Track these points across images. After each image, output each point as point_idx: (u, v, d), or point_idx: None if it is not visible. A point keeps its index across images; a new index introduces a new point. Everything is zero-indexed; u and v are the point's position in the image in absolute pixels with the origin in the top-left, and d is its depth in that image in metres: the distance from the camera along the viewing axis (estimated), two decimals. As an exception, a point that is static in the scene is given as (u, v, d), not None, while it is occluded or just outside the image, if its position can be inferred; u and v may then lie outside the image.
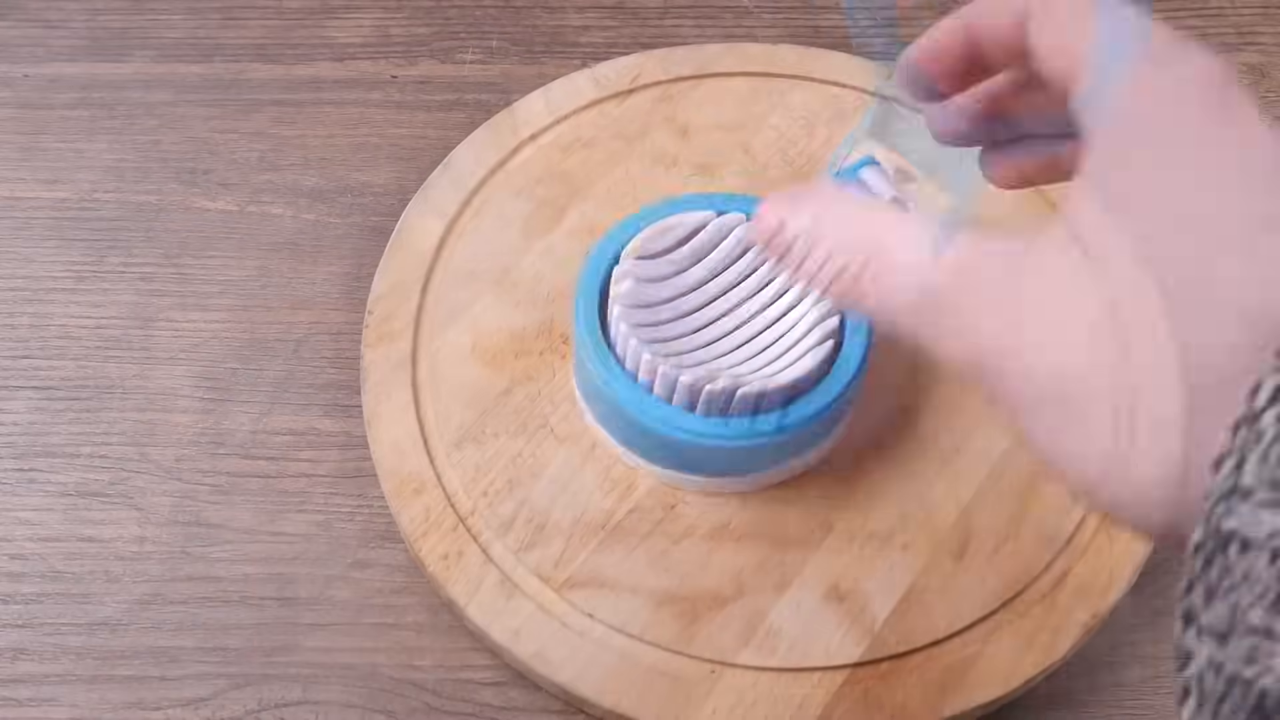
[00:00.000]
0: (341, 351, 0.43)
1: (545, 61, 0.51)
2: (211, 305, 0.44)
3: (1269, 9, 0.52)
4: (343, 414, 0.42)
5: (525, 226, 0.43)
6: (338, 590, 0.39)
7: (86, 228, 0.46)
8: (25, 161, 0.47)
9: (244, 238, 0.46)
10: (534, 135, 0.46)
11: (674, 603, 0.36)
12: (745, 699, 0.35)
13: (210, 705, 0.37)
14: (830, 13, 0.52)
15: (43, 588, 0.39)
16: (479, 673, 0.38)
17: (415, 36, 0.51)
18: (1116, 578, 0.37)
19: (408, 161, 0.48)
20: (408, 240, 0.43)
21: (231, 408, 0.42)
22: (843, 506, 0.38)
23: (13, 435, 0.41)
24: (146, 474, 0.41)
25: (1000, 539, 0.38)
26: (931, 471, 0.39)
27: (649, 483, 0.38)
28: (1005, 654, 0.36)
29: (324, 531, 0.40)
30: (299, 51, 0.51)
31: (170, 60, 0.50)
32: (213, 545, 0.39)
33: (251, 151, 0.48)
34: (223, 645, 0.38)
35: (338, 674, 0.37)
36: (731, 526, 0.38)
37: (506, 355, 0.41)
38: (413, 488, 0.38)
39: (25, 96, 0.49)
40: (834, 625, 0.36)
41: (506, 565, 0.37)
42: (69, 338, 0.43)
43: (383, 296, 0.42)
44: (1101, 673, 0.38)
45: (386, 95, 0.49)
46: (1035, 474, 0.39)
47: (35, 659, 0.37)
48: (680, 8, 0.52)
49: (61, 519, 0.40)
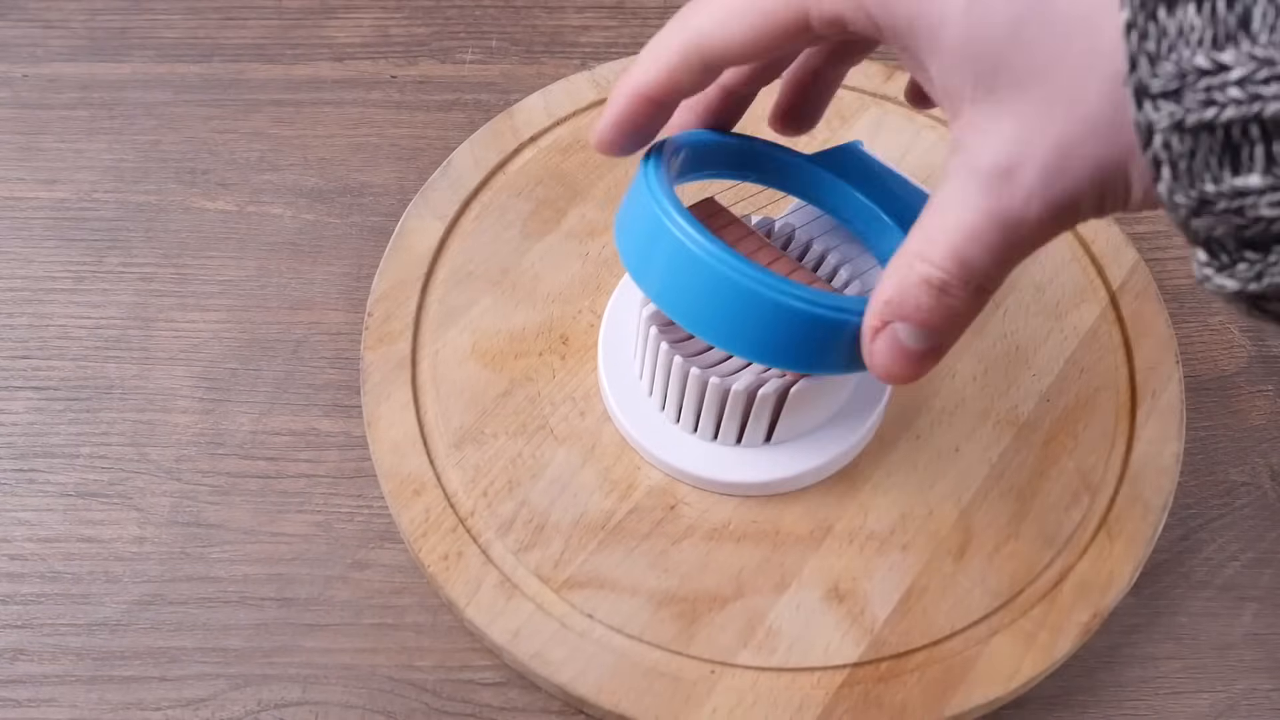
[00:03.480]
0: (341, 352, 0.43)
1: (545, 62, 0.51)
2: (211, 305, 0.44)
3: (1269, 9, 0.52)
4: (342, 414, 0.42)
5: (525, 227, 0.43)
6: (337, 591, 0.39)
7: (86, 228, 0.46)
8: (25, 161, 0.47)
9: (244, 238, 0.46)
10: (534, 137, 0.46)
11: (674, 603, 0.36)
12: (745, 699, 0.35)
13: (210, 705, 0.37)
14: (830, 13, 0.52)
15: (42, 588, 0.39)
16: (479, 673, 0.38)
17: (415, 36, 0.51)
18: (1116, 578, 0.37)
19: (407, 162, 0.48)
20: (407, 241, 0.43)
21: (231, 408, 0.42)
22: (842, 507, 0.38)
23: (12, 435, 0.41)
24: (146, 474, 0.41)
25: (1000, 539, 0.38)
26: (931, 471, 0.39)
27: (649, 483, 0.38)
28: (1005, 654, 0.36)
29: (324, 532, 0.40)
30: (298, 51, 0.51)
31: (169, 60, 0.50)
32: (212, 545, 0.39)
33: (251, 151, 0.48)
34: (222, 646, 0.38)
35: (337, 674, 0.37)
36: (731, 527, 0.38)
37: (506, 356, 0.41)
38: (412, 488, 0.38)
39: (24, 96, 0.49)
40: (834, 625, 0.36)
41: (506, 566, 0.37)
42: (68, 338, 0.43)
43: (382, 297, 0.42)
44: (1101, 673, 0.38)
45: (386, 95, 0.49)
46: (1036, 473, 0.39)
47: (35, 659, 0.37)
48: (680, 8, 0.52)
49: (61, 519, 0.40)
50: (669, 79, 0.30)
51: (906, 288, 0.27)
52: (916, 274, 0.27)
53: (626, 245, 0.33)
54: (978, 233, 0.25)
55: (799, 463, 0.38)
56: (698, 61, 0.30)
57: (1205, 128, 0.21)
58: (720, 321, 0.31)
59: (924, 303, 0.27)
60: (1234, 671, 0.38)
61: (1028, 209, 0.25)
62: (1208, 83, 0.21)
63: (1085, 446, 0.40)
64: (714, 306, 0.30)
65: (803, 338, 0.30)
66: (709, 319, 0.31)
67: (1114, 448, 0.40)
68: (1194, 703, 0.38)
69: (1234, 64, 0.20)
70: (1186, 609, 0.39)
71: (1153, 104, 0.21)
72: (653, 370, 0.38)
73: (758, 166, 0.36)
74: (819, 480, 0.38)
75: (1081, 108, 0.23)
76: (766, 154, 0.36)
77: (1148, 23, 0.21)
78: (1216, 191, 0.21)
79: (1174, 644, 0.39)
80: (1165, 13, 0.21)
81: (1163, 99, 0.21)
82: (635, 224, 0.32)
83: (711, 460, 0.38)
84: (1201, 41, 0.21)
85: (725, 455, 0.38)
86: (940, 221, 0.26)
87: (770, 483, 0.38)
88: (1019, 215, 0.25)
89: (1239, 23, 0.20)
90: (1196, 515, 0.41)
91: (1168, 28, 0.21)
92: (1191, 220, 0.22)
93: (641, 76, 0.31)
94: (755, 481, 0.38)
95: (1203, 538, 0.40)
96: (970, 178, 0.25)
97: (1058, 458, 0.39)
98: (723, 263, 0.30)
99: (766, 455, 0.38)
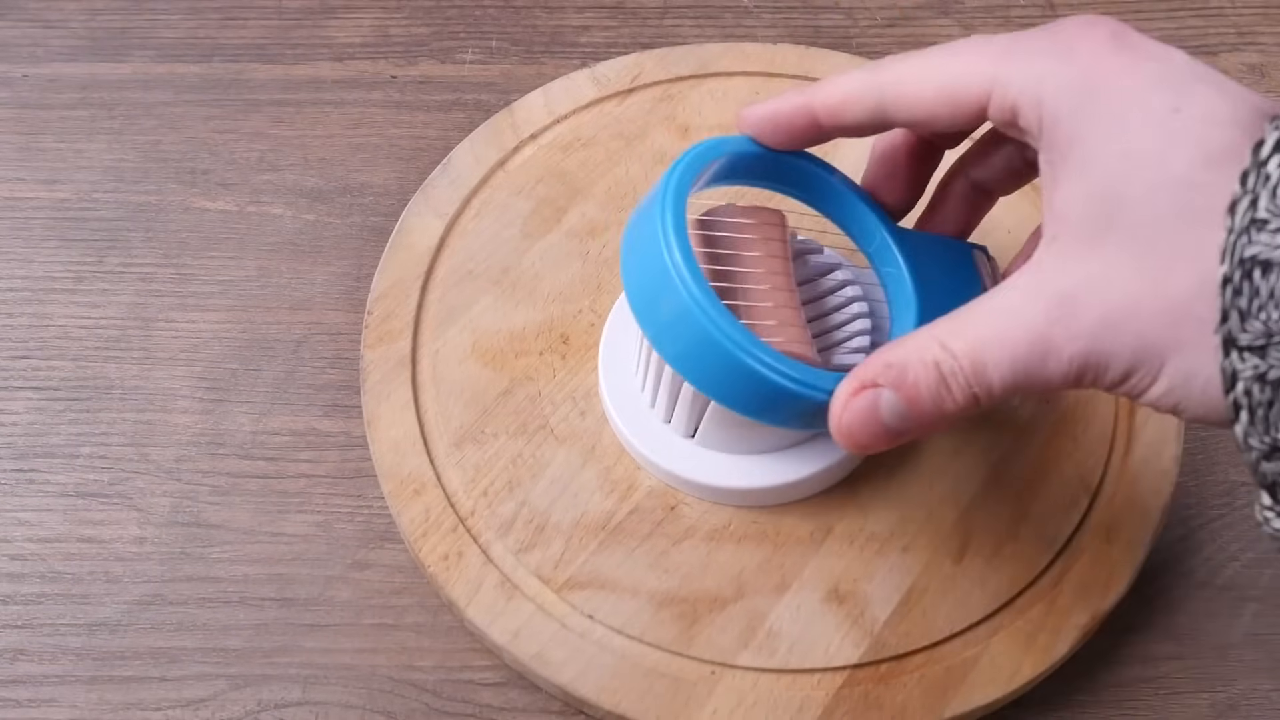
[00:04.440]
0: (341, 351, 0.43)
1: (545, 61, 0.51)
2: (211, 305, 0.44)
3: (1269, 9, 0.52)
4: (342, 414, 0.42)
5: (525, 226, 0.43)
6: (337, 591, 0.39)
7: (86, 228, 0.46)
8: (25, 161, 0.47)
9: (244, 238, 0.46)
10: (534, 135, 0.46)
11: (674, 604, 0.36)
12: (745, 700, 0.35)
13: (210, 706, 0.37)
14: (830, 13, 0.52)
15: (42, 588, 0.39)
16: (479, 673, 0.38)
17: (415, 36, 0.51)
18: (1116, 578, 0.37)
19: (407, 161, 0.48)
20: (407, 240, 0.43)
21: (231, 408, 0.42)
22: (842, 508, 0.38)
23: (12, 435, 0.41)
24: (146, 474, 0.41)
25: (1000, 540, 0.38)
26: (931, 472, 0.39)
27: (649, 484, 0.38)
28: (1005, 655, 0.36)
29: (324, 532, 0.40)
30: (298, 51, 0.51)
31: (170, 60, 0.50)
32: (212, 546, 0.39)
33: (251, 152, 0.48)
34: (222, 646, 0.38)
35: (337, 675, 0.37)
36: (732, 528, 0.38)
37: (506, 355, 0.41)
38: (412, 488, 0.38)
39: (24, 96, 0.49)
40: (834, 627, 0.36)
41: (506, 566, 0.37)
42: (69, 338, 0.43)
43: (382, 296, 0.42)
44: (1101, 673, 0.38)
45: (386, 95, 0.49)
46: (1035, 475, 0.39)
47: (35, 660, 0.37)
48: (680, 8, 0.52)
49: (61, 519, 0.40)
50: (840, 104, 0.31)
51: (914, 361, 0.28)
52: (932, 354, 0.28)
53: (627, 250, 0.33)
54: (1009, 343, 0.26)
55: (796, 470, 0.37)
56: (874, 101, 0.31)
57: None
58: (677, 347, 0.32)
59: (923, 382, 0.28)
60: (1234, 671, 0.38)
61: (1065, 348, 0.26)
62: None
63: (1084, 449, 0.40)
64: (674, 332, 0.31)
65: (749, 392, 0.31)
66: (669, 342, 0.32)
67: (1113, 450, 0.40)
68: (1194, 703, 0.38)
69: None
70: (1186, 609, 0.39)
71: (1239, 355, 0.23)
72: (645, 366, 0.37)
73: (798, 183, 0.35)
74: (816, 491, 0.38)
75: (1170, 285, 0.24)
76: (808, 170, 0.35)
77: (1243, 281, 0.23)
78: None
79: (1174, 644, 0.39)
80: (1260, 275, 0.22)
81: (1249, 352, 0.23)
82: (639, 237, 0.32)
83: (707, 467, 0.37)
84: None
85: (721, 462, 0.38)
86: (981, 319, 0.27)
87: (766, 489, 0.38)
88: (1056, 348, 0.26)
89: None
90: (1196, 516, 0.41)
91: (1260, 289, 0.22)
92: (1262, 463, 0.23)
93: (818, 91, 0.32)
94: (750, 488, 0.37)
95: (1203, 538, 0.40)
96: (1035, 295, 0.26)
97: (1057, 460, 0.39)
98: (694, 299, 0.30)
99: (763, 464, 0.37)
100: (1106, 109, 0.26)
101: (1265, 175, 0.23)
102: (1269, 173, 0.23)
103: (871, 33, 0.52)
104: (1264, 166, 0.23)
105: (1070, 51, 0.27)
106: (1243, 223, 0.23)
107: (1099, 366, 0.26)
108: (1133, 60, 0.27)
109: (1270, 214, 0.22)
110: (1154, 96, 0.26)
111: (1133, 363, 0.25)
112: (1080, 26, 0.28)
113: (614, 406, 0.39)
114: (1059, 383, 0.27)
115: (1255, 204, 0.23)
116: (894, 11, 0.52)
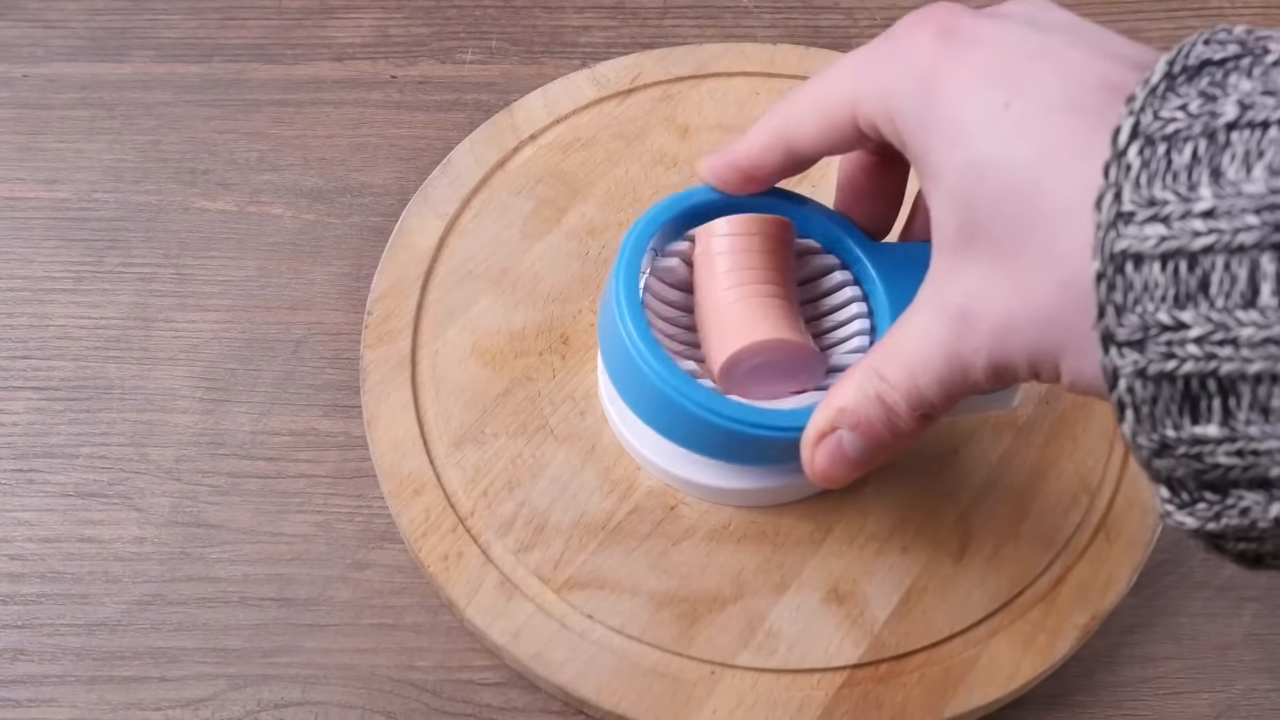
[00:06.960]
0: (341, 351, 0.43)
1: (545, 61, 0.51)
2: (211, 305, 0.44)
3: (1269, 9, 0.52)
4: (342, 414, 0.42)
5: (525, 226, 0.43)
6: (337, 591, 0.39)
7: (86, 228, 0.46)
8: (25, 161, 0.47)
9: (244, 238, 0.46)
10: (534, 135, 0.46)
11: (674, 604, 0.36)
12: (745, 700, 0.35)
13: (210, 706, 0.37)
14: (830, 13, 0.52)
15: (42, 588, 0.39)
16: (479, 673, 0.38)
17: (415, 36, 0.51)
18: (1115, 579, 0.37)
19: (407, 161, 0.48)
20: (407, 240, 0.43)
21: (231, 408, 0.42)
22: (842, 508, 0.38)
23: (12, 435, 0.41)
24: (146, 474, 0.41)
25: (999, 540, 0.38)
26: (931, 473, 0.39)
27: (649, 484, 0.38)
28: (1004, 655, 0.36)
29: (324, 532, 0.40)
30: (298, 51, 0.51)
31: (170, 60, 0.50)
32: (212, 546, 0.39)
33: (251, 152, 0.48)
34: (222, 646, 0.38)
35: (337, 674, 0.37)
36: (731, 528, 0.38)
37: (506, 355, 0.41)
38: (412, 488, 0.38)
39: (24, 96, 0.49)
40: (834, 627, 0.36)
41: (506, 566, 0.37)
42: (68, 338, 0.43)
43: (382, 296, 0.42)
44: (1101, 673, 0.38)
45: (386, 95, 0.49)
46: (1035, 475, 0.39)
47: (35, 660, 0.37)
48: (680, 8, 0.52)
49: (61, 519, 0.40)
50: (760, 158, 0.32)
51: (859, 399, 0.29)
52: (873, 387, 0.29)
53: (600, 321, 0.35)
54: (931, 363, 0.27)
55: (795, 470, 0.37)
56: (782, 146, 0.31)
57: (1166, 378, 0.22)
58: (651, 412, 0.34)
59: (874, 416, 0.29)
60: (1234, 671, 0.38)
61: (975, 357, 0.26)
62: (1169, 337, 0.22)
63: (1084, 449, 0.40)
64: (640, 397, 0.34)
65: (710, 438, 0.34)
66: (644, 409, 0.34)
67: (1113, 450, 0.40)
68: (1193, 703, 0.38)
69: (1192, 323, 0.21)
70: (1186, 609, 0.39)
71: (1118, 351, 0.22)
72: None
73: None
74: (815, 491, 0.38)
75: (1033, 294, 0.24)
76: (778, 209, 0.35)
77: (1116, 276, 0.22)
78: (1176, 437, 0.22)
79: (1173, 644, 0.39)
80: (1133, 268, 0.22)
81: (1127, 347, 0.22)
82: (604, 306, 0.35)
83: (707, 467, 0.37)
84: (1165, 298, 0.22)
85: (719, 464, 0.37)
86: (902, 344, 0.28)
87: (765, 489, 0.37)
88: (969, 360, 0.26)
89: (1199, 285, 0.21)
90: (1196, 516, 0.41)
91: (1134, 282, 0.22)
92: (1153, 460, 0.23)
93: (741, 149, 0.33)
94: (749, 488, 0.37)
95: (1202, 538, 0.40)
96: (938, 312, 0.27)
97: (1057, 460, 0.39)
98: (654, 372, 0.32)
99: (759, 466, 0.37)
100: (945, 114, 0.26)
101: (1126, 165, 0.22)
102: (1129, 162, 0.22)
103: (871, 33, 0.52)
104: (1123, 157, 0.22)
105: (906, 55, 0.27)
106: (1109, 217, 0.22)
107: (1008, 369, 0.26)
108: (960, 51, 0.26)
109: (1135, 205, 0.22)
110: (984, 93, 0.25)
111: (1031, 364, 0.25)
112: (910, 26, 0.28)
113: (614, 407, 0.39)
114: (989, 385, 0.27)
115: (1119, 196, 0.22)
116: (894, 11, 0.52)
